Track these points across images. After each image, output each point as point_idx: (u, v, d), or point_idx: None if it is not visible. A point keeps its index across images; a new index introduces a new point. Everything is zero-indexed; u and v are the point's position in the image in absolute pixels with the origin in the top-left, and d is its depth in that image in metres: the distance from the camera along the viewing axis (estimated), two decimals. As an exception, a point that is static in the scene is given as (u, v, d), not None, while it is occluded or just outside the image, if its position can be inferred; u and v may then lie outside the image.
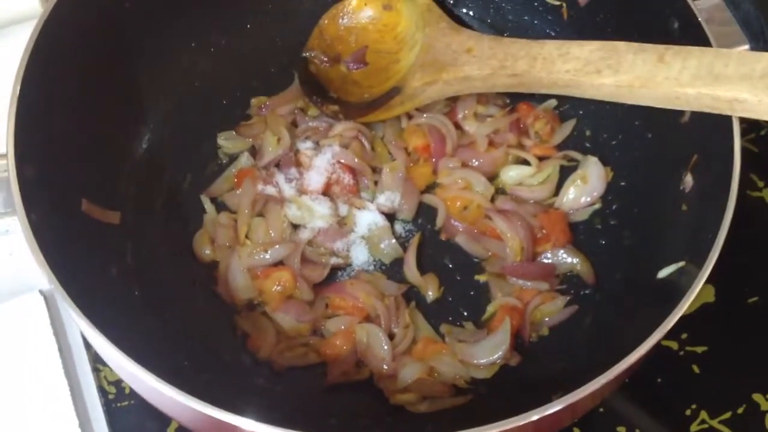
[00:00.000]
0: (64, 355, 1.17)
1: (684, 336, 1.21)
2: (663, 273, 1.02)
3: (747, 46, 1.09)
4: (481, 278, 1.20)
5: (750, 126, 1.32)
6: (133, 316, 1.07)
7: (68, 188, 1.05)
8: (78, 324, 0.88)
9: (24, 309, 1.19)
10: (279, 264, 1.17)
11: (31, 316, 1.18)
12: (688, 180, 1.07)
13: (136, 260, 1.14)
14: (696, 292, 0.89)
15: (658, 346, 0.88)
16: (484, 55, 1.17)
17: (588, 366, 0.88)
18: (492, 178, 1.28)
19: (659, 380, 1.18)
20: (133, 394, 1.14)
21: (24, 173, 0.94)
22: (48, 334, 1.17)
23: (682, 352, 1.20)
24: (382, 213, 1.23)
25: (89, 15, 1.10)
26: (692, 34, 1.05)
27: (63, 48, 1.06)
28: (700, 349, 1.21)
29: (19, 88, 0.98)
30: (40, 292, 1.20)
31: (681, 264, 1.00)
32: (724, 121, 0.98)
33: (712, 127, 1.01)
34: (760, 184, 1.36)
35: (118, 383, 1.16)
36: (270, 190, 1.22)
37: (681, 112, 1.07)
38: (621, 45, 1.04)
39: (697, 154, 1.06)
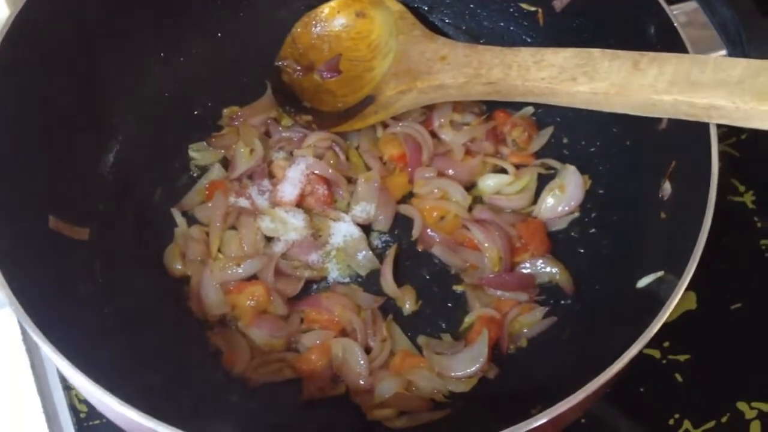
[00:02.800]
0: (36, 373, 1.15)
1: (666, 344, 1.20)
2: (642, 282, 1.01)
3: (724, 52, 1.08)
4: (459, 288, 1.19)
5: (730, 130, 1.31)
6: (102, 335, 1.04)
7: (34, 204, 1.03)
8: (39, 345, 0.85)
9: (-4, 325, 1.17)
10: (252, 278, 1.15)
11: (2, 332, 1.17)
12: (667, 187, 1.06)
13: (105, 277, 1.11)
14: (675, 303, 0.88)
15: (640, 355, 0.86)
16: (458, 63, 1.16)
17: (569, 378, 0.87)
18: (469, 187, 1.26)
19: (642, 389, 1.17)
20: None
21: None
22: (21, 351, 1.16)
23: (664, 361, 1.19)
24: (358, 224, 1.21)
25: (54, 24, 1.09)
26: (669, 40, 1.04)
27: (27, 57, 1.04)
28: (682, 358, 1.20)
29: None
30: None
31: (660, 273, 0.99)
32: (702, 127, 0.97)
33: (689, 133, 1.00)
34: (741, 188, 1.35)
35: (88, 402, 1.13)
36: (242, 202, 1.21)
37: (659, 119, 1.06)
38: (596, 52, 1.03)
39: (675, 161, 1.05)
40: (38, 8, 1.05)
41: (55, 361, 0.83)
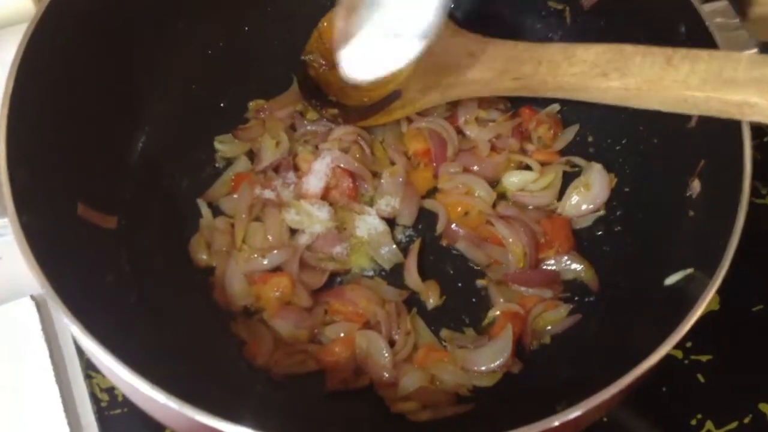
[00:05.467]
0: (55, 362, 1.14)
1: (689, 345, 1.19)
2: (670, 280, 1.01)
3: (756, 50, 1.07)
4: (482, 283, 1.19)
5: (754, 132, 1.29)
6: (128, 322, 1.04)
7: (62, 192, 1.02)
8: (71, 330, 0.85)
9: (15, 315, 1.17)
10: (277, 269, 1.15)
11: (22, 321, 1.16)
12: (696, 186, 1.05)
13: (131, 266, 1.11)
14: (707, 300, 0.87)
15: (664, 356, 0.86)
16: (486, 59, 1.15)
17: (594, 375, 0.86)
18: (493, 183, 1.26)
19: (664, 389, 1.17)
20: (126, 401, 1.12)
21: (16, 175, 0.92)
22: (39, 340, 1.15)
23: (686, 361, 1.19)
24: (382, 218, 1.21)
25: (83, 15, 1.08)
26: (700, 38, 1.04)
27: (56, 48, 1.04)
28: (705, 358, 1.19)
29: (12, 86, 0.96)
30: (32, 297, 1.18)
31: (689, 271, 0.98)
32: (733, 125, 0.96)
33: (720, 131, 0.99)
34: (764, 191, 1.34)
35: (110, 390, 1.13)
36: (268, 194, 1.21)
37: (687, 117, 1.06)
38: (628, 48, 1.02)
39: (704, 159, 1.05)
40: (66, 1, 1.05)
41: (86, 345, 0.83)
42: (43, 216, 0.93)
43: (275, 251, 1.15)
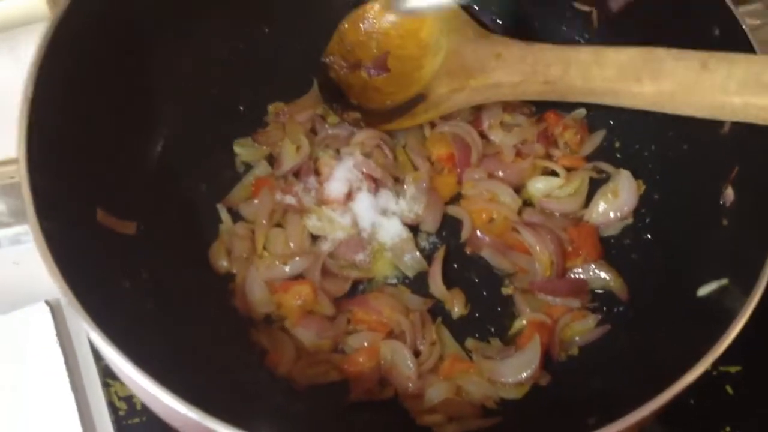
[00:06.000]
0: (70, 368, 1.14)
1: (717, 356, 1.18)
2: (703, 291, 0.99)
3: (792, 55, 1.05)
4: (508, 291, 1.17)
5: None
6: (146, 329, 1.02)
7: (82, 197, 1.01)
8: (91, 337, 0.84)
9: (29, 320, 1.17)
10: (299, 277, 1.14)
11: (36, 327, 1.16)
12: (729, 193, 1.03)
13: (150, 272, 1.09)
14: (747, 315, 0.85)
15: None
16: (514, 61, 1.14)
17: (624, 388, 0.85)
18: (519, 189, 1.25)
19: (692, 401, 1.16)
20: (144, 410, 1.12)
21: (36, 180, 0.91)
22: (54, 346, 1.15)
23: (714, 372, 1.18)
24: (406, 224, 1.19)
25: (101, 19, 1.07)
26: (735, 42, 1.01)
27: (74, 54, 1.02)
28: (733, 369, 1.19)
29: (30, 92, 0.94)
30: (46, 302, 1.18)
31: (723, 282, 0.96)
32: (768, 131, 0.95)
33: (755, 137, 0.97)
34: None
35: (129, 399, 1.13)
36: (289, 199, 1.19)
37: (720, 123, 1.04)
38: (661, 51, 1.00)
39: (738, 166, 1.03)
40: (85, 4, 1.03)
41: (105, 352, 0.82)
42: (63, 222, 0.92)
43: (297, 258, 1.14)
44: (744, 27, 1.02)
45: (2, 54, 1.40)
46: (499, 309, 1.16)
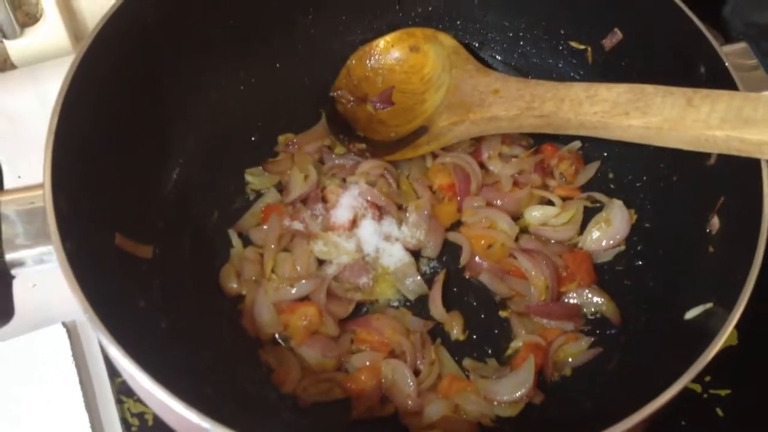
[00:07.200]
0: (85, 387, 1.16)
1: (707, 379, 1.20)
2: (690, 314, 1.02)
3: (774, 91, 1.10)
4: (504, 314, 1.20)
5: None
6: (159, 347, 1.06)
7: (101, 221, 1.05)
8: (107, 350, 0.87)
9: (46, 341, 1.18)
10: (305, 299, 1.18)
11: (53, 348, 1.18)
12: (715, 222, 1.07)
13: (163, 293, 1.14)
14: (726, 334, 0.89)
15: (682, 388, 0.87)
16: (511, 96, 1.19)
17: (614, 407, 0.87)
18: (516, 217, 1.28)
19: (683, 423, 1.17)
20: (155, 426, 1.14)
21: (59, 204, 0.95)
22: (70, 366, 1.17)
23: (705, 395, 1.19)
24: (408, 250, 1.23)
25: (123, 55, 1.12)
26: (719, 79, 1.06)
27: (95, 87, 1.06)
28: (723, 392, 1.20)
29: (55, 123, 0.99)
30: (63, 324, 1.20)
31: (708, 305, 0.99)
32: (752, 163, 0.99)
33: (739, 169, 1.01)
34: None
35: (141, 415, 1.15)
36: (297, 225, 1.23)
37: (707, 155, 1.08)
38: (649, 88, 1.05)
39: (723, 196, 1.06)
40: (106, 41, 1.08)
41: (123, 365, 0.86)
42: (83, 244, 0.96)
43: (303, 281, 1.18)
44: (727, 65, 1.06)
45: (27, 87, 1.45)
46: (496, 331, 1.19)
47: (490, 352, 1.18)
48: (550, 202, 1.29)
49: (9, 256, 0.93)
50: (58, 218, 0.93)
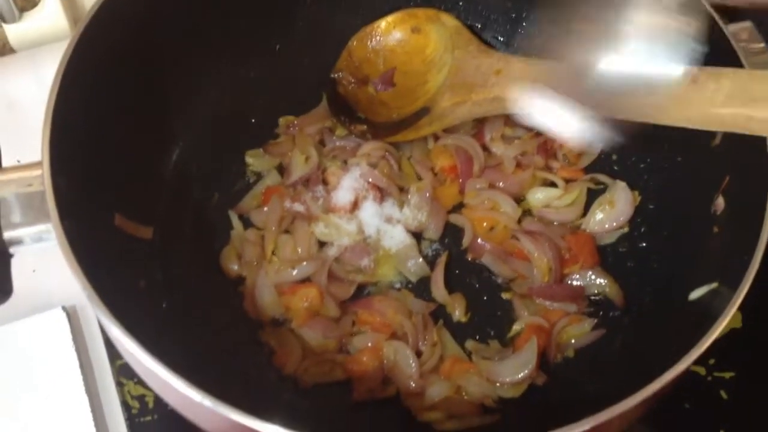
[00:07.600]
0: (85, 372, 1.17)
1: (711, 361, 1.20)
2: (694, 295, 1.02)
3: (779, 70, 1.08)
4: (507, 296, 1.20)
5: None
6: (159, 327, 1.06)
7: (99, 201, 1.04)
8: (108, 330, 0.87)
9: (46, 325, 1.19)
10: (306, 280, 1.17)
11: (53, 332, 1.18)
12: (720, 202, 1.06)
13: (163, 274, 1.14)
14: (731, 314, 0.88)
15: (686, 371, 0.86)
16: (513, 76, 1.18)
17: (617, 389, 0.86)
18: (519, 199, 1.28)
19: (687, 406, 1.17)
20: (156, 408, 1.14)
21: (58, 183, 0.93)
22: (70, 350, 1.17)
23: (709, 378, 1.19)
24: (409, 232, 1.23)
25: (121, 37, 1.11)
26: (724, 58, 1.04)
27: (93, 66, 1.05)
28: (727, 375, 1.20)
29: (53, 102, 0.98)
30: (63, 308, 1.20)
31: (713, 285, 0.99)
32: (758, 142, 0.98)
33: (744, 149, 1.00)
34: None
35: (141, 398, 1.15)
36: (297, 207, 1.23)
37: (712, 135, 1.07)
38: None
39: (728, 176, 1.06)
40: (104, 22, 1.07)
41: (124, 345, 0.85)
42: (82, 223, 0.95)
43: (304, 263, 1.17)
44: (732, 43, 1.05)
45: (26, 71, 1.46)
46: (498, 313, 1.19)
47: (492, 333, 1.17)
48: (553, 184, 1.28)
49: (7, 234, 0.92)
50: (56, 195, 0.92)
